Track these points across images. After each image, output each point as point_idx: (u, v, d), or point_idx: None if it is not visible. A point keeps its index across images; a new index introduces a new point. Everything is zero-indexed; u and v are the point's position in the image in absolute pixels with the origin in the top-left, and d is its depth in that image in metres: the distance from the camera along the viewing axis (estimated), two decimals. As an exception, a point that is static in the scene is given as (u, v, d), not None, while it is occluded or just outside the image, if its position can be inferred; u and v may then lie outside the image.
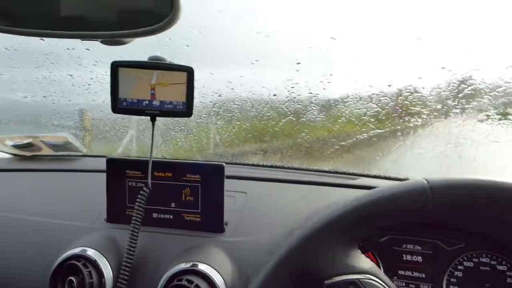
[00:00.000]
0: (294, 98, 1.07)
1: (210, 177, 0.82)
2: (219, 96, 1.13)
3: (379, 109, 1.10)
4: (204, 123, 1.31)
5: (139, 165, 0.84)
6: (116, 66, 0.75)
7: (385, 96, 1.08)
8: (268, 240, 0.78)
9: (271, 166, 1.18)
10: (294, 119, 1.14)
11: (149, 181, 0.77)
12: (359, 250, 0.59)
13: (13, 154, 1.45)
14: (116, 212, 0.86)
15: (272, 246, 0.77)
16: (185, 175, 0.83)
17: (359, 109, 1.13)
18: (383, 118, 1.11)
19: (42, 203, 1.00)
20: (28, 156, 1.42)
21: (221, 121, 1.23)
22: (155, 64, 0.75)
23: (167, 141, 1.36)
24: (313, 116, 1.10)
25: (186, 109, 0.76)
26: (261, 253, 0.76)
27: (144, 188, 0.77)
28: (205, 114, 1.22)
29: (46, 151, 1.41)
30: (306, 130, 1.19)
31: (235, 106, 1.16)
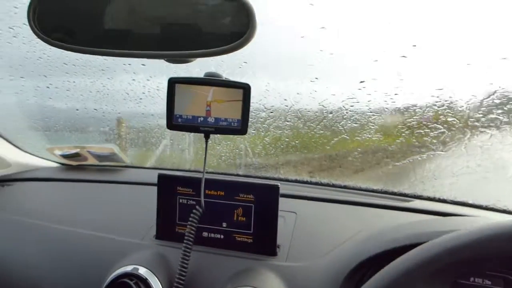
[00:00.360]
0: (352, 116, 1.03)
1: (264, 197, 0.79)
2: (271, 112, 1.10)
3: (444, 130, 1.03)
4: (251, 138, 1.29)
5: (191, 182, 0.83)
6: (173, 83, 0.74)
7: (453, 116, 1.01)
8: (324, 267, 0.74)
9: (320, 184, 1.14)
10: (347, 137, 1.09)
11: (202, 200, 0.75)
12: None
13: (60, 163, 1.49)
14: (166, 229, 0.85)
15: (329, 275, 0.73)
16: (238, 195, 0.80)
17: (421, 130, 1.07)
18: (446, 139, 1.04)
19: (90, 215, 1.01)
20: (74, 166, 1.45)
21: (268, 138, 1.21)
22: (212, 81, 0.74)
23: (211, 155, 1.35)
24: (369, 135, 1.05)
25: (240, 127, 0.74)
26: (317, 282, 0.72)
27: (197, 207, 0.75)
28: (254, 130, 1.19)
29: (92, 161, 1.43)
30: (359, 149, 1.14)
31: (287, 123, 1.13)
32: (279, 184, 0.79)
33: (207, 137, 0.78)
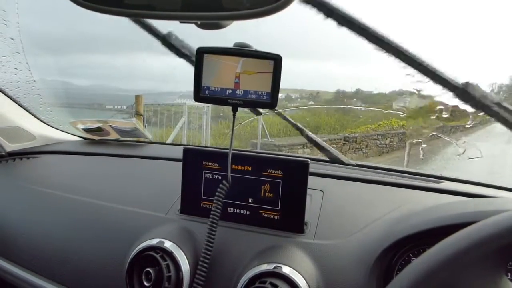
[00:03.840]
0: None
1: (293, 173, 0.77)
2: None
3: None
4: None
5: (217, 156, 0.81)
6: (201, 53, 0.71)
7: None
8: (354, 246, 0.72)
9: (348, 164, 1.11)
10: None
11: (229, 174, 0.73)
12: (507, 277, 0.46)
13: (82, 138, 1.50)
14: (191, 203, 0.83)
15: (360, 255, 0.71)
16: (266, 170, 0.78)
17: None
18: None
19: (114, 189, 1.01)
20: (96, 140, 1.46)
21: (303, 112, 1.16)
22: (242, 51, 0.70)
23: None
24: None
25: (270, 100, 0.71)
26: (347, 261, 0.70)
27: (224, 182, 0.73)
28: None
29: (114, 136, 1.43)
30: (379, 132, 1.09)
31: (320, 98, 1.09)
32: (308, 160, 0.76)
33: (235, 110, 0.75)
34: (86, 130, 1.43)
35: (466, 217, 0.61)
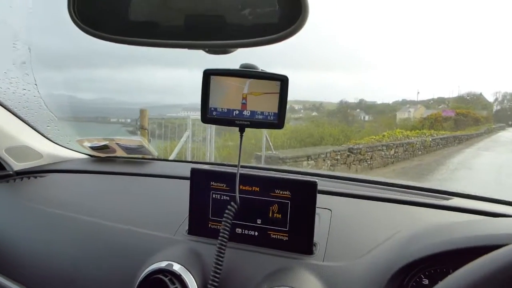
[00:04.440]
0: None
1: (301, 194, 0.76)
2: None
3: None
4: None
5: (225, 177, 0.80)
6: (208, 74, 0.71)
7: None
8: (365, 268, 0.71)
9: (354, 180, 1.10)
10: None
11: (237, 196, 0.73)
12: None
13: (88, 155, 1.50)
14: (199, 224, 0.83)
15: (371, 277, 0.70)
16: (274, 191, 0.78)
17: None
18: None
19: (120, 208, 1.00)
20: (102, 157, 1.46)
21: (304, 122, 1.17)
22: (248, 73, 0.71)
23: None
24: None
25: (277, 120, 0.71)
26: (358, 284, 0.69)
27: (232, 203, 0.73)
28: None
29: (120, 153, 1.44)
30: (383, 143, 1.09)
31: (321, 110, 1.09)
32: (316, 180, 0.76)
33: (241, 131, 0.75)
34: (93, 148, 1.43)
35: (483, 240, 0.61)
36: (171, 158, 4.44)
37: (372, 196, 0.99)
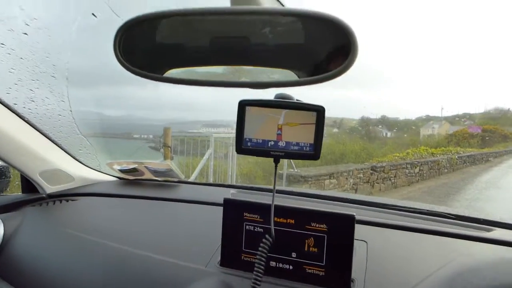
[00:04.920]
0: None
1: (338, 228, 0.74)
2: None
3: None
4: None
5: (259, 208, 0.79)
6: (243, 105, 0.71)
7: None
8: None
9: (388, 206, 1.06)
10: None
11: (272, 228, 0.71)
12: None
13: (117, 177, 1.52)
14: (231, 256, 0.81)
15: None
16: (310, 224, 0.75)
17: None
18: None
19: (150, 236, 1.00)
20: (131, 180, 1.48)
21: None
22: (284, 103, 0.70)
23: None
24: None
25: (313, 151, 0.70)
26: None
27: (267, 236, 0.71)
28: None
29: (148, 176, 1.45)
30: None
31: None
32: (354, 214, 0.73)
33: (276, 162, 0.74)
34: (122, 171, 1.45)
35: None
36: (193, 175, 4.47)
37: (409, 227, 0.95)
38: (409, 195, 6.76)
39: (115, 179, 1.52)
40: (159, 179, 1.44)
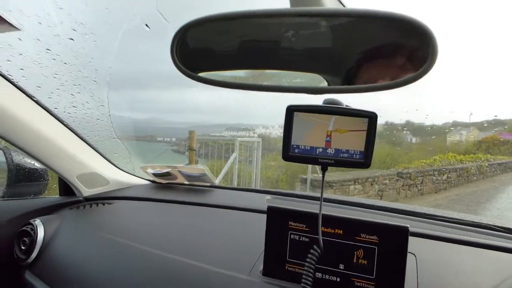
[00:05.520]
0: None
1: (390, 240, 0.70)
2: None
3: None
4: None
5: (305, 217, 0.76)
6: (292, 111, 0.69)
7: None
8: None
9: (433, 217, 1.01)
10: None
11: (320, 238, 0.69)
12: None
13: (150, 181, 1.53)
14: (275, 266, 0.79)
15: None
16: (359, 235, 0.72)
17: None
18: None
19: (187, 242, 0.98)
20: (164, 184, 1.48)
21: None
22: (334, 109, 0.67)
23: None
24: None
25: (364, 159, 0.66)
26: None
27: (315, 247, 0.68)
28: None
29: (181, 180, 1.45)
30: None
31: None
32: (408, 226, 0.70)
33: (324, 170, 0.71)
34: (155, 175, 1.46)
35: None
36: (218, 179, 4.48)
37: (458, 240, 0.90)
38: (436, 202, 6.55)
39: (148, 182, 1.52)
40: (191, 183, 1.44)
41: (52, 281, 1.03)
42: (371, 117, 0.66)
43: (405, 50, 0.42)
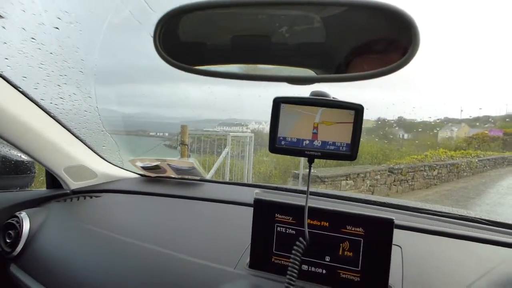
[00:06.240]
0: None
1: (376, 232, 0.71)
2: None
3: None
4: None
5: (291, 209, 0.76)
6: (278, 102, 0.68)
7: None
8: None
9: (420, 210, 1.02)
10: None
11: (306, 231, 0.69)
12: None
13: (139, 174, 1.52)
14: (261, 258, 0.79)
15: None
16: (345, 227, 0.72)
17: None
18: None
19: (175, 235, 0.98)
20: (153, 177, 1.47)
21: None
22: (321, 101, 0.67)
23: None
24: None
25: (350, 152, 0.66)
26: None
27: (301, 239, 0.68)
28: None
29: (170, 173, 1.44)
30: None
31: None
32: (393, 218, 0.70)
33: (311, 162, 0.71)
34: (144, 168, 1.44)
35: None
36: (210, 174, 4.47)
37: (444, 232, 0.91)
38: (426, 198, 6.62)
39: (137, 176, 1.51)
40: (181, 177, 1.43)
41: (37, 274, 1.01)
42: (358, 110, 0.66)
43: (389, 39, 0.41)
